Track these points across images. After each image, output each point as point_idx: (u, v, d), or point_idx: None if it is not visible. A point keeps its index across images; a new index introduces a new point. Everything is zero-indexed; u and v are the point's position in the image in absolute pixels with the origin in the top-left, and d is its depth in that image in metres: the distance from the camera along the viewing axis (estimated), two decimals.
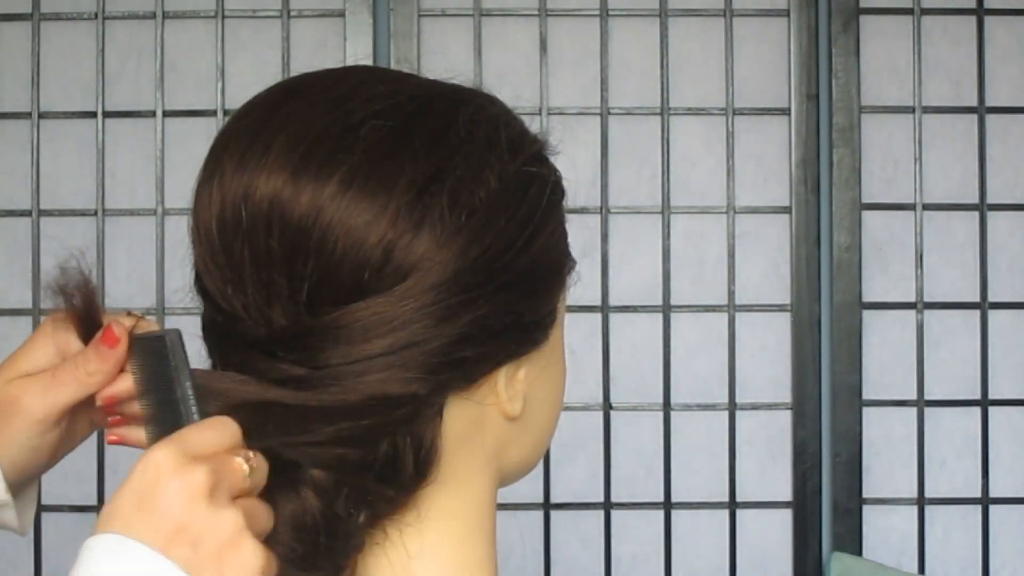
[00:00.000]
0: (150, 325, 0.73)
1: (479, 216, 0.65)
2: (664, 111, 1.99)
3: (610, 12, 2.00)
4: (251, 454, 0.61)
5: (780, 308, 1.99)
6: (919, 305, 2.00)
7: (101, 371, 0.71)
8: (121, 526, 0.58)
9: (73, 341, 0.74)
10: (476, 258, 0.64)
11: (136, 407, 0.68)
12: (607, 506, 1.98)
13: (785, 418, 1.99)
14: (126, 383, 0.71)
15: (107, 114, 1.97)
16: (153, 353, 0.66)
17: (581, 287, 0.75)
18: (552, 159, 0.72)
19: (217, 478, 0.58)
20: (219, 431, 0.61)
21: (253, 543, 0.58)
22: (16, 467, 0.75)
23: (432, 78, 0.71)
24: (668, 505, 1.98)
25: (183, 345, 0.65)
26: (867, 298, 1.99)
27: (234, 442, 0.61)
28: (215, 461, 0.59)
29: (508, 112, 0.71)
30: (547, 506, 1.97)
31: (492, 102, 0.70)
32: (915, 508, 1.99)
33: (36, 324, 1.95)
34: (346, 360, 0.63)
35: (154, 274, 1.95)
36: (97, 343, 0.71)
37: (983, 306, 2.00)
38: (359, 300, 0.63)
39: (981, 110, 2.01)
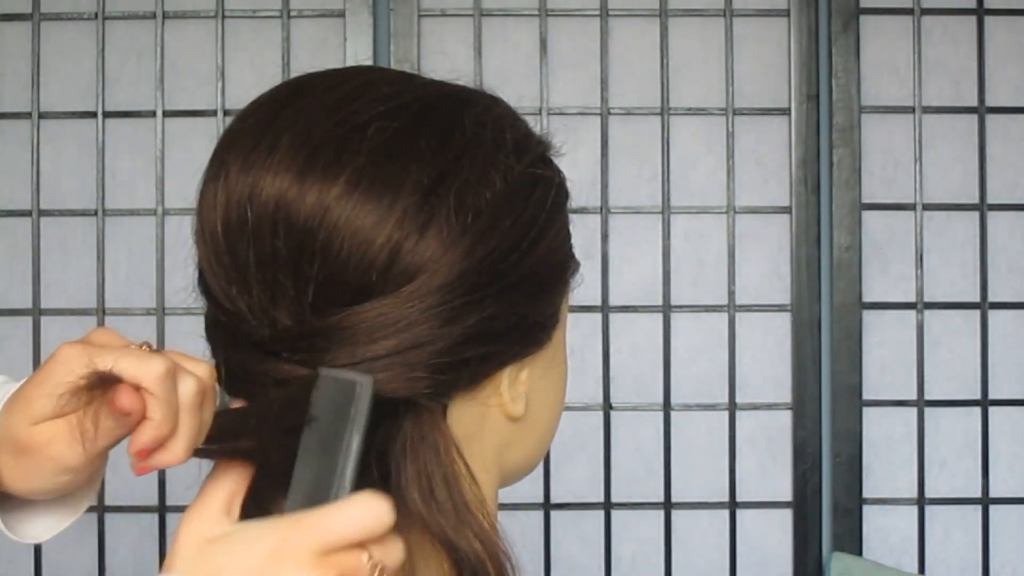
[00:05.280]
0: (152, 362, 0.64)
1: (485, 217, 0.65)
2: (664, 111, 1.99)
3: (610, 12, 2.00)
4: (384, 557, 0.58)
5: (780, 308, 1.99)
6: (919, 305, 2.00)
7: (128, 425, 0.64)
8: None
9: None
10: (481, 259, 0.64)
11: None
12: (607, 506, 1.98)
13: (785, 418, 1.99)
14: (160, 429, 0.63)
15: (107, 114, 1.97)
16: (335, 395, 0.60)
17: (582, 287, 0.76)
18: (555, 160, 0.72)
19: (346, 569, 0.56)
20: (366, 518, 0.57)
21: None
22: (36, 493, 0.69)
23: (434, 78, 0.72)
24: (668, 505, 1.98)
25: (371, 397, 0.60)
26: (867, 298, 1.99)
27: (382, 530, 0.58)
28: (342, 566, 0.56)
29: (513, 113, 0.71)
30: (547, 506, 1.97)
31: (497, 103, 0.70)
32: (915, 508, 1.99)
33: (36, 324, 1.95)
34: (351, 361, 0.63)
35: (154, 274, 1.95)
36: (111, 409, 0.63)
37: (983, 306, 2.00)
38: (365, 301, 0.63)
39: (981, 110, 2.01)
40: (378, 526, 0.58)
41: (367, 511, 0.58)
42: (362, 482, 0.61)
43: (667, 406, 1.98)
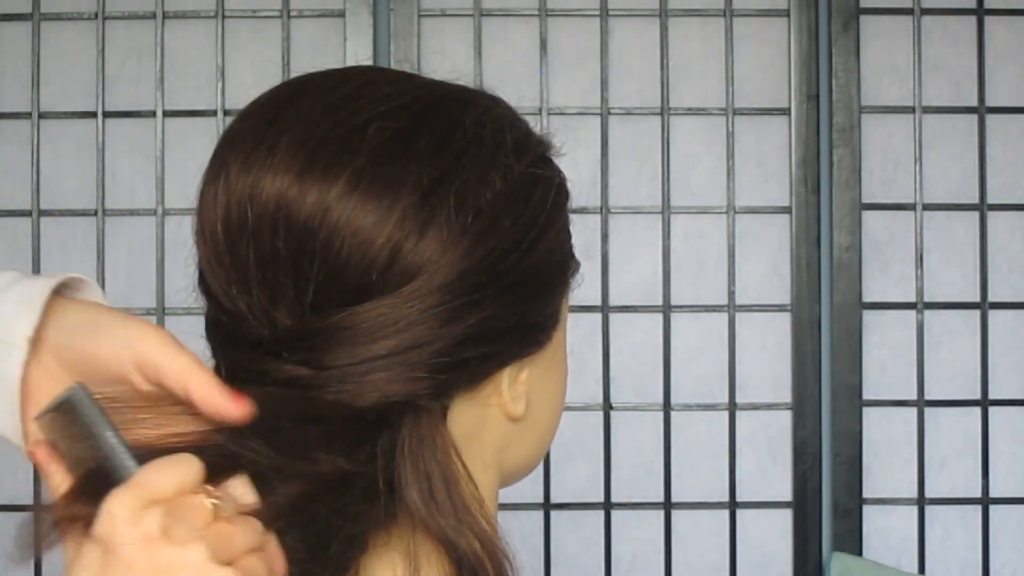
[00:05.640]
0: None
1: (485, 217, 0.65)
2: (664, 111, 1.99)
3: (610, 12, 2.00)
4: (213, 489, 0.57)
5: (780, 308, 1.99)
6: (919, 305, 2.00)
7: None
8: None
9: None
10: (482, 259, 0.64)
11: None
12: (607, 506, 1.98)
13: (785, 418, 1.99)
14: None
15: (107, 114, 1.97)
16: (65, 419, 0.59)
17: (582, 287, 0.76)
18: (555, 160, 0.73)
19: (174, 518, 0.55)
20: (176, 470, 0.57)
21: (222, 570, 0.55)
22: None
23: (434, 79, 0.72)
24: (668, 505, 1.98)
25: (91, 395, 0.59)
26: (867, 298, 1.99)
27: (193, 479, 0.57)
28: (171, 503, 0.56)
29: (513, 113, 0.71)
30: (547, 506, 1.97)
31: (497, 103, 0.70)
32: (915, 508, 1.99)
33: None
34: (351, 361, 0.63)
35: (154, 274, 1.95)
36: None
37: (983, 306, 2.00)
38: (365, 301, 0.63)
39: (981, 110, 2.01)
40: (189, 474, 0.56)
41: (173, 463, 0.57)
42: (360, 481, 0.62)
43: (667, 406, 1.98)
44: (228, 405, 0.60)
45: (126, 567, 0.55)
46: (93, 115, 1.97)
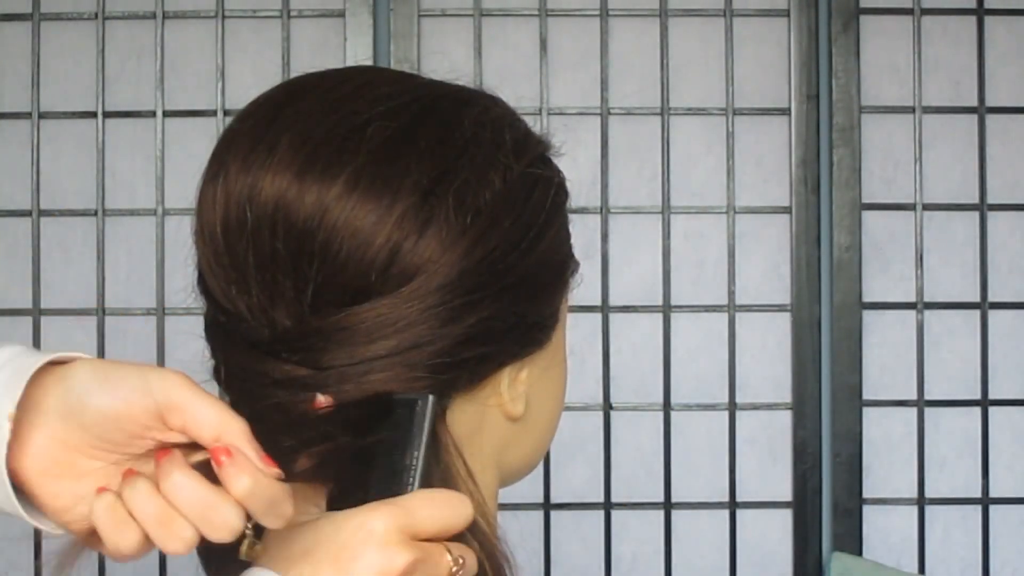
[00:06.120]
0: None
1: (484, 218, 0.65)
2: (664, 111, 1.99)
3: (610, 12, 2.00)
4: (464, 556, 0.59)
5: (780, 308, 1.99)
6: (919, 305, 2.00)
7: None
8: (310, 571, 0.57)
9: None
10: (481, 259, 0.64)
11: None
12: (607, 506, 1.98)
13: (785, 418, 1.99)
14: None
15: (107, 114, 1.97)
16: (400, 412, 0.61)
17: (581, 287, 0.76)
18: (554, 160, 0.73)
19: (419, 570, 0.57)
20: (449, 510, 0.58)
21: None
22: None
23: (434, 79, 0.72)
24: (668, 505, 1.98)
25: (433, 415, 0.61)
26: (867, 298, 1.99)
27: (460, 523, 0.58)
28: (425, 551, 0.57)
29: (512, 113, 0.71)
30: (547, 506, 1.97)
31: (496, 103, 0.70)
32: (915, 508, 1.99)
33: (36, 324, 1.95)
34: (350, 361, 0.63)
35: (154, 274, 1.95)
36: None
37: (983, 306, 2.00)
38: (364, 301, 0.63)
39: (981, 110, 2.01)
40: (459, 519, 0.58)
41: (450, 502, 0.59)
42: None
43: (667, 406, 1.98)
44: (259, 463, 0.57)
45: None
46: (93, 115, 1.97)
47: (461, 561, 0.59)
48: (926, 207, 2.00)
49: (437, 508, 0.58)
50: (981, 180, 2.01)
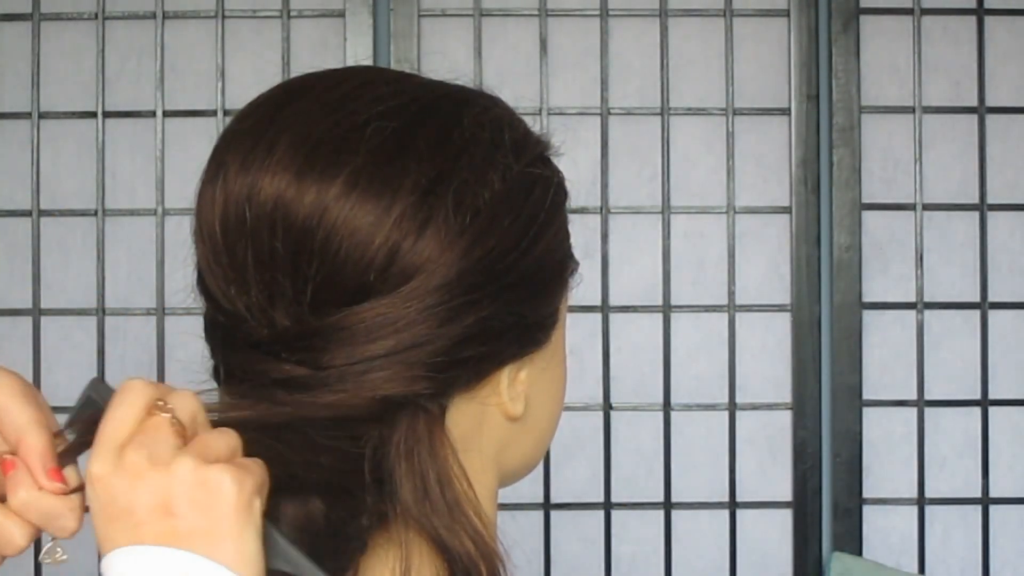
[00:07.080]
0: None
1: (483, 217, 0.65)
2: (664, 111, 1.99)
3: (610, 12, 2.00)
4: (163, 398, 0.58)
5: (780, 308, 1.99)
6: (919, 305, 2.00)
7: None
8: (108, 546, 0.57)
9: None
10: (480, 259, 0.64)
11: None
12: (607, 506, 1.98)
13: (785, 418, 1.99)
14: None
15: (107, 114, 1.97)
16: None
17: (581, 287, 0.76)
18: (554, 160, 0.72)
19: (147, 447, 0.56)
20: (124, 406, 0.57)
21: (216, 469, 0.56)
22: None
23: (433, 79, 0.71)
24: (668, 505, 1.98)
25: (107, 386, 0.60)
26: (867, 298, 1.99)
27: (142, 403, 0.57)
28: (137, 434, 0.57)
29: (512, 113, 0.71)
30: (547, 506, 1.97)
31: (496, 103, 0.70)
32: (915, 508, 1.99)
33: (36, 324, 1.95)
34: (349, 361, 0.63)
35: (154, 274, 1.95)
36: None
37: (983, 306, 2.00)
38: (363, 301, 0.63)
39: (981, 110, 2.01)
40: (135, 397, 0.57)
41: (121, 400, 0.57)
42: (355, 481, 0.62)
43: (667, 406, 1.98)
44: (42, 477, 0.58)
45: (133, 510, 0.56)
46: (93, 115, 1.97)
47: (163, 403, 0.58)
48: (926, 207, 2.00)
49: (115, 415, 0.57)
50: (981, 180, 2.01)
